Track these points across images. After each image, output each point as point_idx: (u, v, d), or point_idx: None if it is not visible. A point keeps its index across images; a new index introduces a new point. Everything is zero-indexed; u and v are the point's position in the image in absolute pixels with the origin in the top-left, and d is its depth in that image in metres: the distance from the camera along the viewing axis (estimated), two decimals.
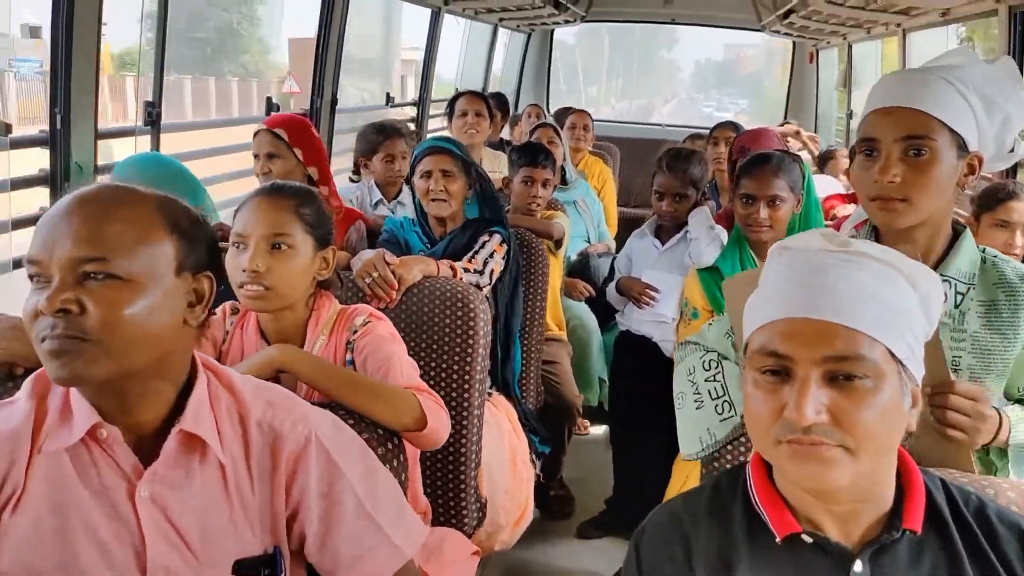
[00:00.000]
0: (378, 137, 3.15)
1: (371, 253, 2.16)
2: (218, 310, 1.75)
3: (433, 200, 2.48)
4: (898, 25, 4.46)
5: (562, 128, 4.45)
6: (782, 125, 5.63)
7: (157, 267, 1.03)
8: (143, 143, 2.32)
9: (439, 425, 1.54)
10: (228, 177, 3.15)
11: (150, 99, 2.31)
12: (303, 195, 1.67)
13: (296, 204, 1.63)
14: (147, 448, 1.09)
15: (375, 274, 2.10)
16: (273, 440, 1.15)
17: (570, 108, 5.29)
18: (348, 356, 1.71)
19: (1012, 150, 1.41)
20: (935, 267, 1.39)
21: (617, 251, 3.52)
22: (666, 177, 2.87)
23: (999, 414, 1.31)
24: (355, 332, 1.70)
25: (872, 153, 1.35)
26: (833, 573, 0.95)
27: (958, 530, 0.97)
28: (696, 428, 1.51)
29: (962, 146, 1.33)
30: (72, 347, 0.98)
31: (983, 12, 3.31)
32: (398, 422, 1.48)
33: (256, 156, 2.52)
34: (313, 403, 1.33)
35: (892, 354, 0.92)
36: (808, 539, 0.96)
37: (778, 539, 0.96)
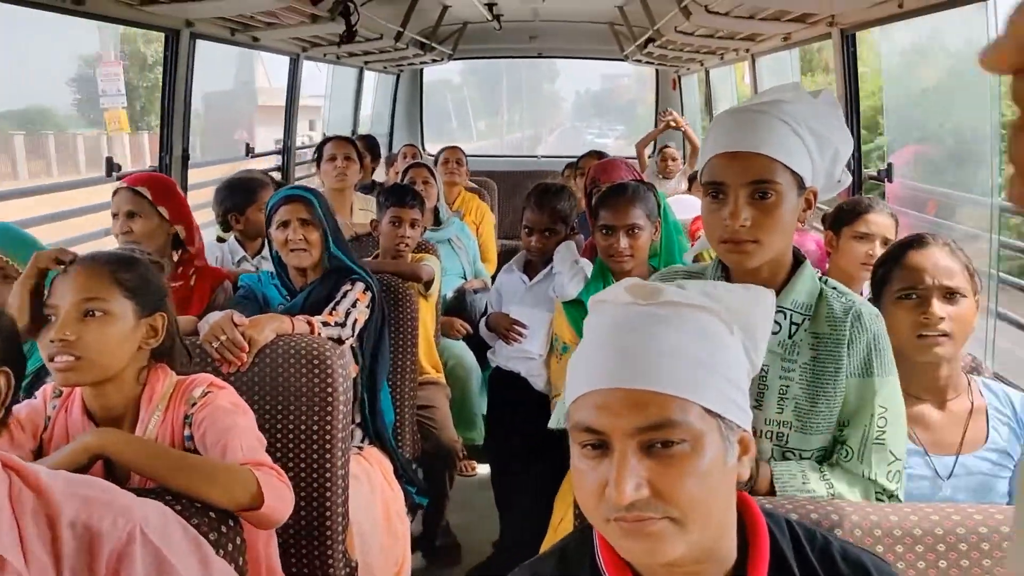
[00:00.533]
0: (248, 192, 3.05)
1: (218, 315, 2.06)
2: (38, 393, 1.62)
3: (292, 251, 2.39)
4: (747, 51, 4.66)
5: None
6: (665, 112, 5.88)
7: None
8: None
9: (278, 503, 1.44)
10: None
11: None
12: (123, 260, 1.57)
13: (112, 268, 1.52)
14: None
15: (223, 337, 1.99)
16: (89, 541, 1.05)
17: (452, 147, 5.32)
18: (187, 431, 1.60)
19: (839, 180, 1.47)
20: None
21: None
22: (534, 213, 2.88)
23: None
24: (193, 405, 1.60)
25: (719, 195, 1.38)
26: None
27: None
28: None
29: (800, 184, 1.37)
30: None
31: (818, 36, 3.48)
32: (232, 503, 1.39)
33: (115, 215, 2.40)
34: (136, 489, 1.23)
35: (708, 411, 0.89)
36: None
37: None
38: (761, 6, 3.23)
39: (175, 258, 2.48)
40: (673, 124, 5.73)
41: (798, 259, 1.46)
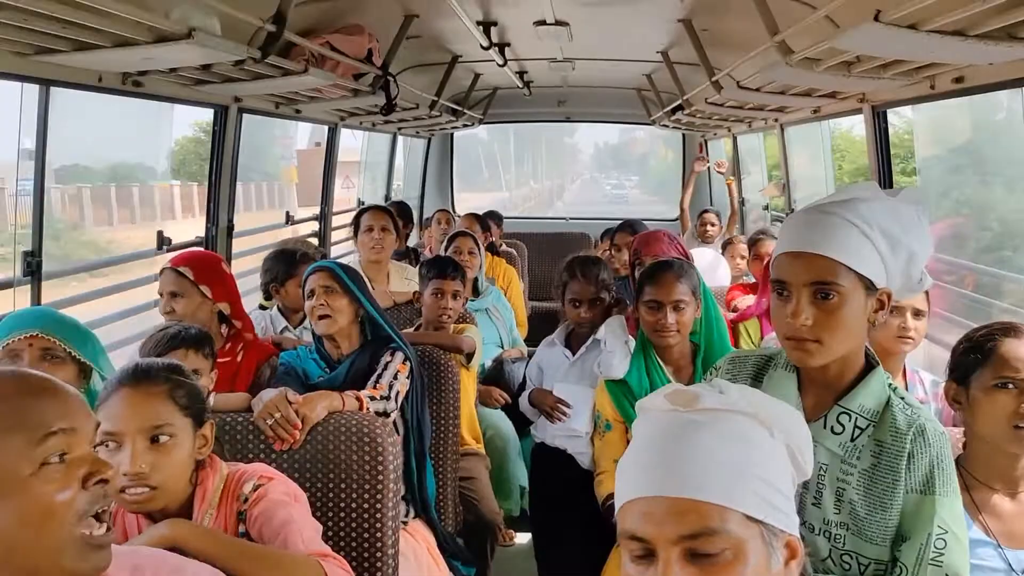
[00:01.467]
0: (288, 264, 3.12)
1: (272, 393, 2.09)
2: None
3: (319, 318, 2.44)
4: (776, 120, 4.72)
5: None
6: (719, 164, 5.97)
7: None
8: (22, 296, 2.22)
9: None
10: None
11: (29, 248, 2.22)
12: (172, 373, 1.56)
13: (169, 388, 1.53)
14: None
15: (277, 415, 2.02)
16: None
17: (483, 214, 5.40)
18: (241, 528, 1.61)
19: (920, 280, 1.46)
20: (840, 397, 1.43)
21: (530, 345, 3.52)
22: (580, 284, 2.90)
23: None
24: (246, 501, 1.61)
25: (783, 293, 1.40)
26: None
27: None
28: None
29: (869, 286, 1.38)
30: None
31: (849, 110, 3.53)
32: None
33: (160, 294, 2.48)
34: None
35: (749, 517, 0.90)
36: None
37: None
38: (792, 83, 3.29)
39: (224, 332, 2.54)
40: (720, 171, 5.84)
41: (871, 362, 1.46)
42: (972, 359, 1.71)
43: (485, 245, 4.92)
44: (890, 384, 1.46)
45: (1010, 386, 1.63)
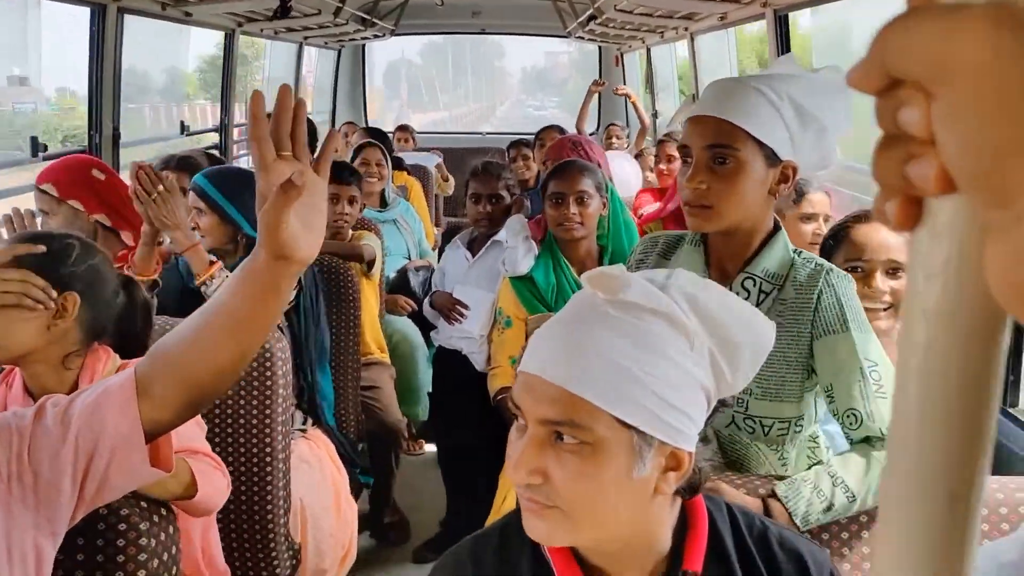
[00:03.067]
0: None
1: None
2: None
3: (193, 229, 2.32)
4: (686, 29, 4.69)
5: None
6: (616, 90, 5.94)
7: None
8: None
9: (212, 491, 1.42)
10: None
11: None
12: (35, 235, 1.52)
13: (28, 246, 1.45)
14: None
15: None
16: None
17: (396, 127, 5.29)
18: None
19: (824, 158, 1.45)
20: (745, 266, 1.44)
21: None
22: (480, 182, 2.94)
23: (764, 501, 1.31)
24: None
25: (687, 160, 1.41)
26: None
27: (740, 561, 0.97)
28: None
29: (771, 156, 1.37)
30: None
31: (752, 16, 3.52)
32: (164, 493, 1.36)
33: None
34: None
35: (621, 422, 0.87)
36: None
37: None
38: None
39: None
40: (619, 94, 5.83)
41: (776, 229, 1.47)
42: (830, 245, 1.77)
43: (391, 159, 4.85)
44: (795, 249, 1.46)
45: (858, 269, 1.69)
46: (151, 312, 1.69)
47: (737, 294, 1.36)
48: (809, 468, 1.38)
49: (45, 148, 2.84)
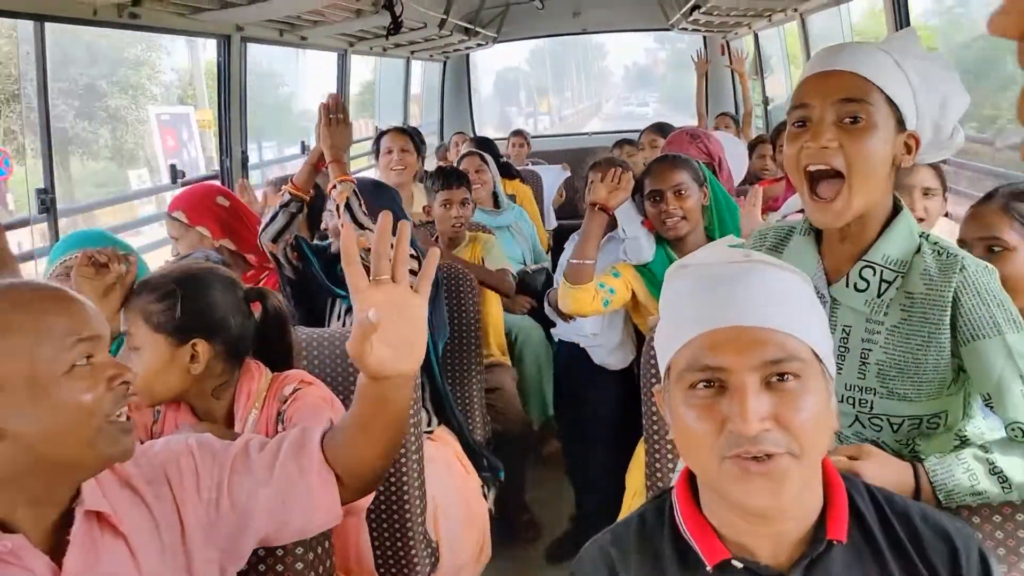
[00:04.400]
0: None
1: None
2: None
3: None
4: (795, 10, 4.56)
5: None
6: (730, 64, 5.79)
7: None
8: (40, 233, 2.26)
9: None
10: None
11: (42, 186, 2.25)
12: (157, 290, 1.58)
13: (145, 302, 1.57)
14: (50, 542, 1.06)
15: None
16: (155, 472, 1.15)
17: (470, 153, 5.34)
18: (280, 428, 1.65)
19: (952, 136, 1.30)
20: (863, 254, 1.30)
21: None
22: (592, 171, 2.89)
23: (913, 466, 1.23)
24: (285, 402, 1.65)
25: (804, 124, 1.25)
26: None
27: (883, 536, 0.95)
28: None
29: (900, 120, 1.24)
30: None
31: None
32: None
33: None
34: None
35: (815, 353, 0.91)
36: (739, 564, 0.93)
37: (708, 567, 0.94)
38: None
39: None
40: (730, 67, 5.69)
41: (897, 209, 1.31)
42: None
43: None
44: (923, 232, 1.30)
45: (993, 250, 1.64)
46: (287, 319, 1.77)
47: (855, 286, 1.31)
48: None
49: (183, 175, 3.03)
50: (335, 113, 2.34)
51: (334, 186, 2.30)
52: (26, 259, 2.26)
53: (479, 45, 6.86)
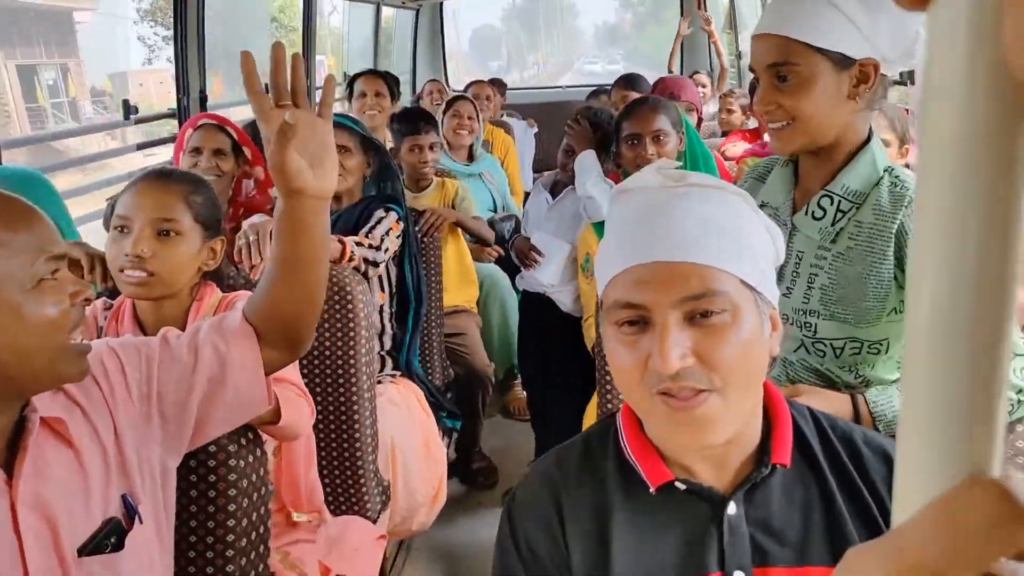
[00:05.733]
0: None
1: (261, 218, 2.08)
2: (87, 309, 1.67)
3: None
4: None
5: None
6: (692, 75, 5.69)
7: None
8: None
9: (297, 417, 1.47)
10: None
11: None
12: (195, 182, 1.61)
13: (187, 191, 1.57)
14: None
15: (252, 237, 2.01)
16: (86, 380, 1.13)
17: (478, 81, 5.26)
18: None
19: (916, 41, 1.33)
20: (827, 183, 1.37)
21: None
22: (577, 131, 2.74)
23: (852, 397, 1.26)
24: None
25: (759, 81, 1.36)
26: (708, 517, 0.92)
27: (826, 459, 0.95)
28: None
29: (840, 60, 1.28)
30: None
31: None
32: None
33: (197, 151, 2.42)
34: None
35: (744, 283, 0.88)
36: (682, 486, 0.93)
37: (651, 489, 0.93)
38: None
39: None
40: (705, 28, 5.63)
41: (869, 140, 1.37)
42: None
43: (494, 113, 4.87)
44: (889, 167, 1.35)
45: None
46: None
47: (812, 214, 1.36)
48: None
49: (136, 111, 2.94)
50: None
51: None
52: None
53: None
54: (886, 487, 0.94)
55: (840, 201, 1.34)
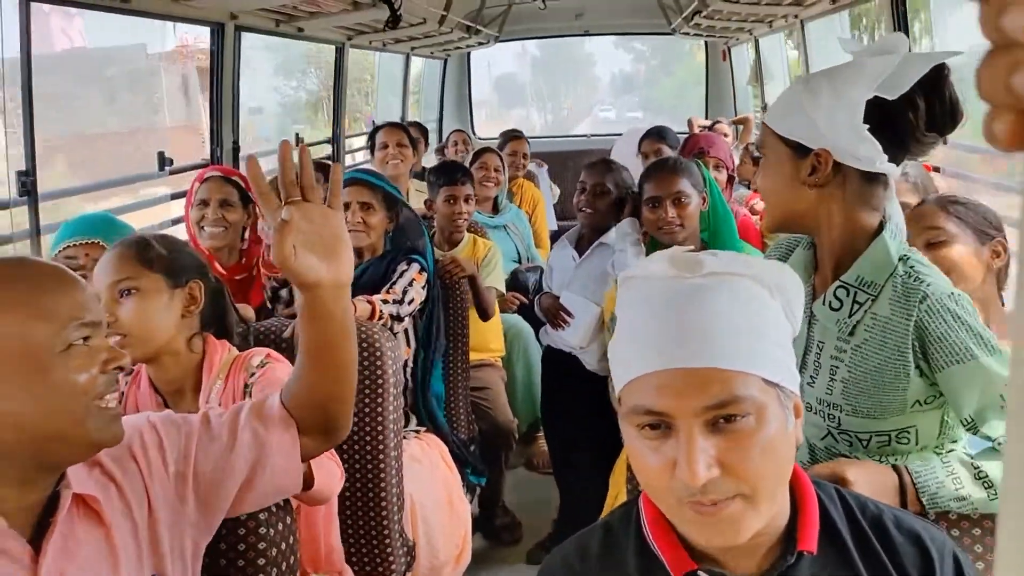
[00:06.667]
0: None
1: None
2: None
3: (350, 231, 2.43)
4: (796, 16, 4.54)
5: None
6: (714, 124, 5.68)
7: None
8: (20, 216, 2.22)
9: (329, 480, 1.46)
10: None
11: (23, 168, 2.20)
12: (147, 239, 1.63)
13: (140, 248, 1.59)
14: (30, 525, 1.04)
15: None
16: (120, 450, 1.13)
17: (512, 131, 5.30)
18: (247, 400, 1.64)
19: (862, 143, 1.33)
20: (841, 273, 1.35)
21: None
22: (588, 173, 2.82)
23: (896, 469, 1.23)
24: (252, 375, 1.64)
25: None
26: None
27: (855, 544, 0.93)
28: None
29: (797, 147, 1.33)
30: None
31: None
32: None
33: (204, 203, 2.48)
34: None
35: (767, 381, 0.87)
36: None
37: None
38: None
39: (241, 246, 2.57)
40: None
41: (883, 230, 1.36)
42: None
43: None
44: (904, 255, 1.33)
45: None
46: (228, 295, 1.79)
47: (830, 304, 1.35)
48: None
49: (171, 163, 3.00)
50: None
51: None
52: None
53: (480, 44, 6.82)
54: (916, 572, 0.92)
55: (856, 292, 1.33)
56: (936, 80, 1.27)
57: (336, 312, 1.15)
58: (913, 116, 1.28)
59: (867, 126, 1.28)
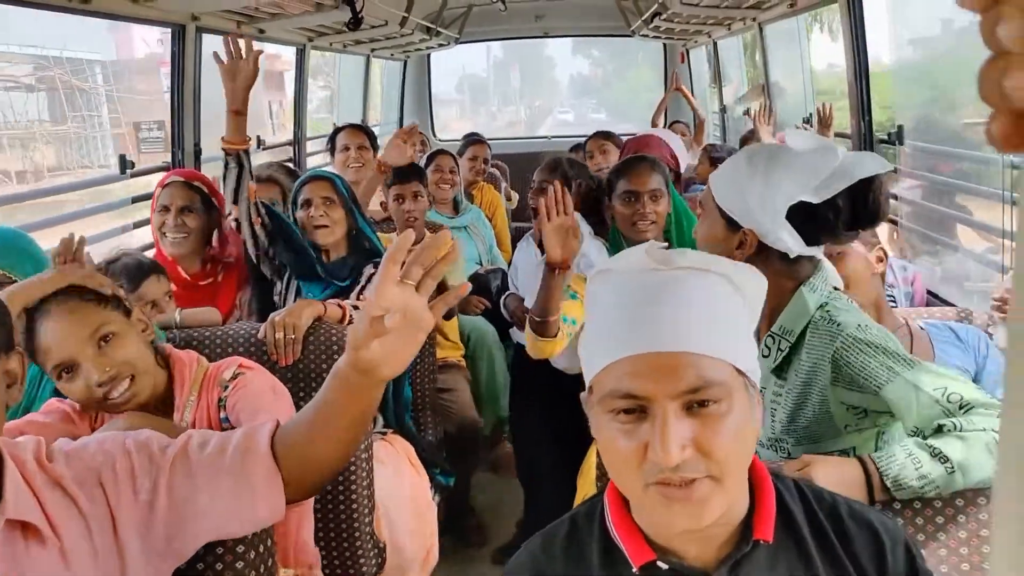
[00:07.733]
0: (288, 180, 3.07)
1: (281, 313, 2.10)
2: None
3: (316, 227, 2.45)
4: (754, 19, 4.62)
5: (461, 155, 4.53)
6: (673, 124, 5.80)
7: None
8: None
9: None
10: None
11: None
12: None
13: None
14: None
15: (285, 335, 2.03)
16: (88, 474, 1.10)
17: (473, 135, 5.32)
18: (222, 414, 1.63)
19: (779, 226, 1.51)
20: (772, 323, 1.51)
21: None
22: (539, 172, 2.86)
23: (860, 459, 1.28)
24: (226, 388, 1.63)
25: None
26: None
27: (811, 533, 0.97)
28: None
29: (730, 221, 1.51)
30: None
31: (825, 0, 3.44)
32: None
33: (166, 208, 2.46)
34: None
35: (737, 369, 0.90)
36: (664, 565, 0.94)
37: (634, 569, 0.94)
38: None
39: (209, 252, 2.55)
40: (677, 88, 5.75)
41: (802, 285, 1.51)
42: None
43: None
44: (824, 304, 1.47)
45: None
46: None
47: (762, 353, 1.49)
48: None
49: (132, 165, 2.96)
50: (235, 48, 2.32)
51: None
52: None
53: (440, 45, 6.82)
54: (872, 562, 0.95)
55: (780, 341, 1.49)
56: (864, 188, 1.43)
57: (368, 399, 1.10)
58: (834, 217, 1.45)
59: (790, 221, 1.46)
